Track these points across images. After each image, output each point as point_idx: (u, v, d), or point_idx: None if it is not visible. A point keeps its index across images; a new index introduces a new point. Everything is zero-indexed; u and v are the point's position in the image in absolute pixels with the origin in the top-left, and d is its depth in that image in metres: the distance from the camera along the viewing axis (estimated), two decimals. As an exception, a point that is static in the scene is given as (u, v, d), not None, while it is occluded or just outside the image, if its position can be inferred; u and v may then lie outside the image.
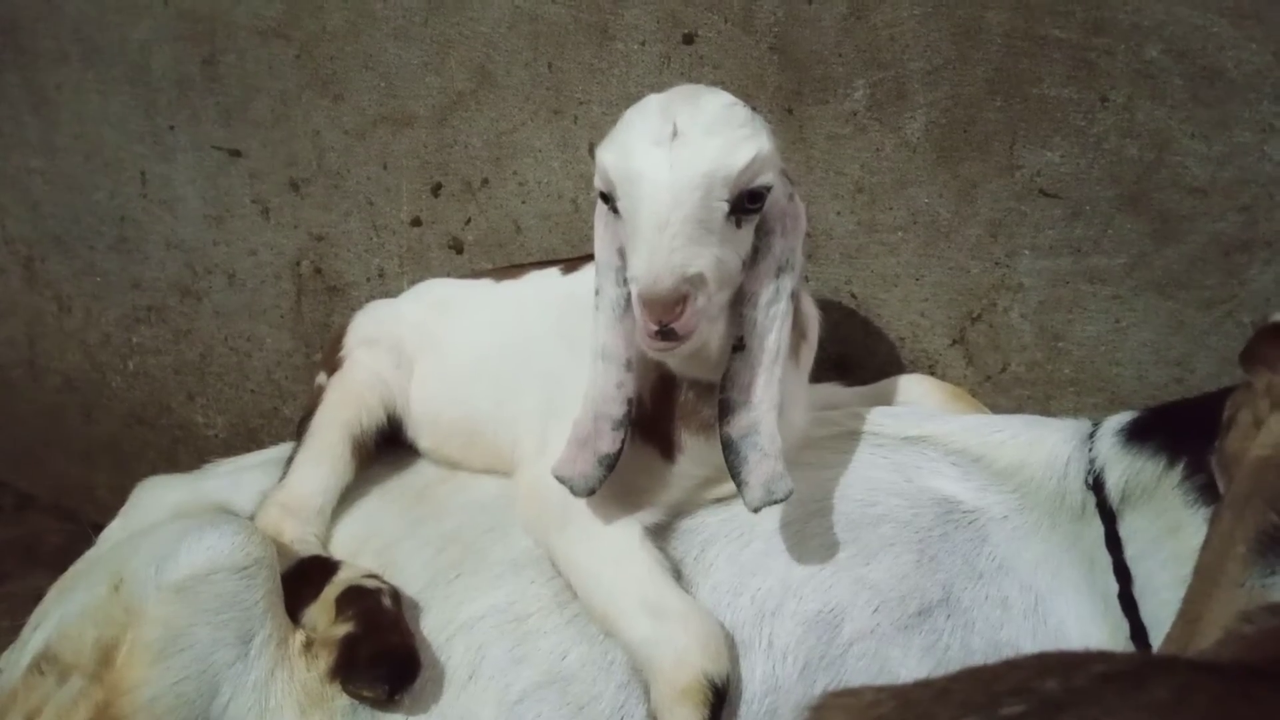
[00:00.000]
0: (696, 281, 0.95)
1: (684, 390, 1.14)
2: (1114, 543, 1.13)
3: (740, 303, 1.06)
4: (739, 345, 1.07)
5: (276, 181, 1.95)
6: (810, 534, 1.17)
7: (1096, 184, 1.34)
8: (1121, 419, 1.17)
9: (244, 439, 2.11)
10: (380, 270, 1.91)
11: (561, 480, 1.09)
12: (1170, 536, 1.10)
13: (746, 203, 0.99)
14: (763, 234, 1.05)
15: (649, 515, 1.15)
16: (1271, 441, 0.80)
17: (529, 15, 1.63)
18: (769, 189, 1.01)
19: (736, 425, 1.06)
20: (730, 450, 1.06)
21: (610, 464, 1.08)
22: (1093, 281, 1.37)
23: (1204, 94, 1.28)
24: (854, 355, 1.52)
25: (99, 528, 1.52)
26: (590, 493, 1.09)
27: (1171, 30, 1.28)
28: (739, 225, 1.00)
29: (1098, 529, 1.14)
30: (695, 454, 1.16)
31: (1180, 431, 1.11)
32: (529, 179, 1.72)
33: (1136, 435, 1.14)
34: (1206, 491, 1.06)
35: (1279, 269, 1.29)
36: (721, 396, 1.07)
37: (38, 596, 1.40)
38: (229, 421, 2.15)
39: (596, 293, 1.10)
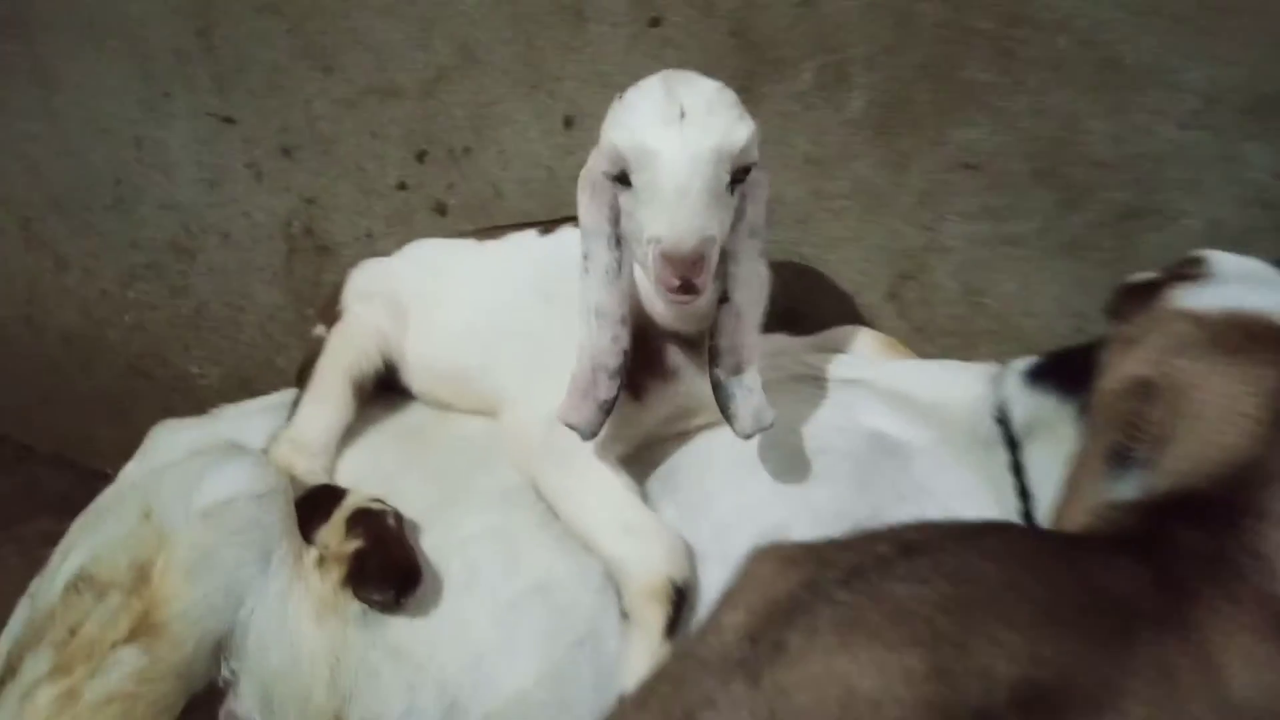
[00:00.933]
0: (709, 242, 1.07)
1: (652, 340, 1.27)
2: (1018, 469, 1.27)
3: (724, 261, 1.17)
4: (724, 298, 1.20)
5: (269, 147, 2.07)
6: (760, 463, 1.30)
7: (1012, 158, 1.50)
8: (1025, 362, 1.32)
9: (238, 388, 2.24)
10: (368, 231, 2.04)
11: (569, 426, 1.19)
12: (1064, 462, 1.26)
13: (739, 174, 1.12)
14: (739, 200, 1.17)
15: (620, 447, 1.28)
16: (1118, 377, 0.98)
17: (509, -3, 1.77)
18: (755, 163, 1.14)
19: (725, 367, 1.21)
20: (720, 390, 1.21)
21: (609, 409, 1.19)
22: (1009, 244, 1.54)
23: (1106, 80, 1.44)
24: (802, 309, 1.66)
25: (100, 474, 1.64)
26: (594, 435, 1.20)
27: (1079, 22, 1.43)
28: (731, 193, 1.13)
29: (1004, 457, 1.28)
30: (660, 395, 1.30)
31: (1073, 372, 1.25)
32: (508, 148, 1.86)
33: (1037, 376, 1.29)
34: (1093, 423, 1.23)
35: (1167, 234, 1.46)
36: (711, 344, 1.21)
37: (44, 536, 1.49)
38: (224, 372, 2.29)
39: (585, 257, 1.20)
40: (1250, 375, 0.92)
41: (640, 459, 1.33)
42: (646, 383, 1.29)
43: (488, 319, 1.46)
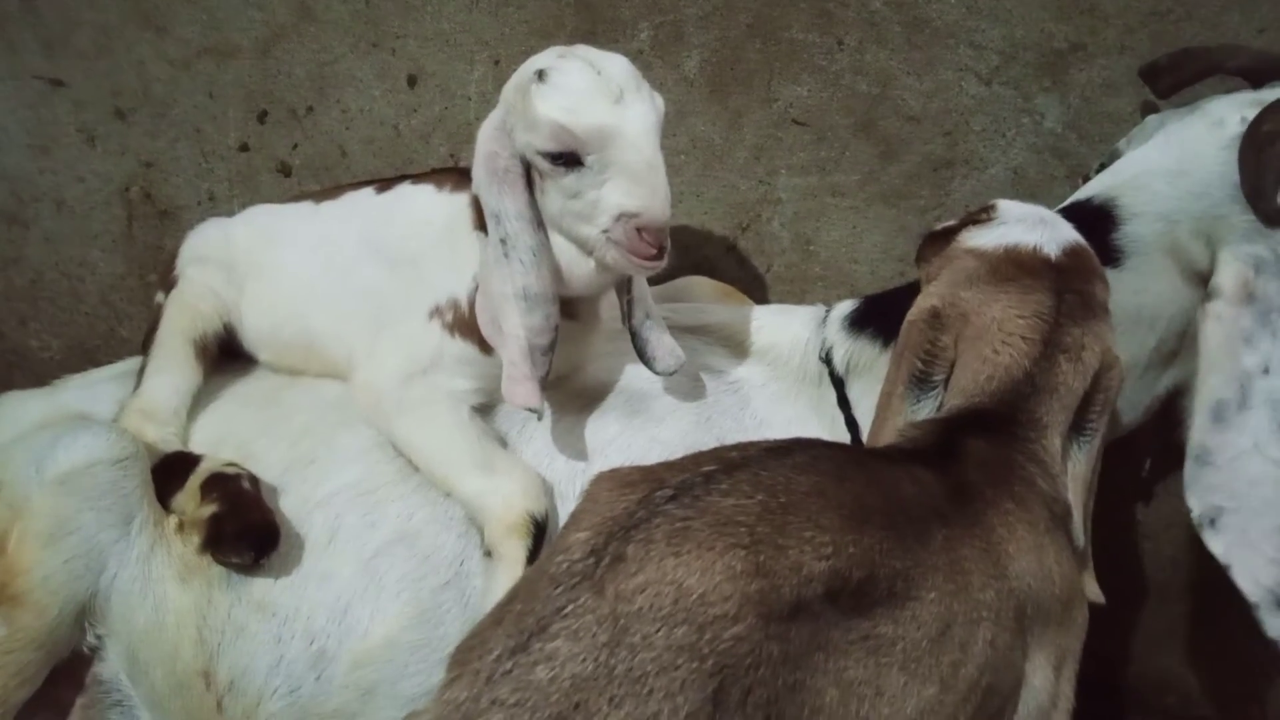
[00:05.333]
0: None
1: None
2: (844, 403, 1.39)
3: None
4: None
5: (102, 111, 2.01)
6: (611, 406, 1.39)
7: (836, 114, 1.61)
8: (845, 306, 1.42)
9: (81, 360, 2.17)
10: (210, 194, 2.01)
11: (530, 410, 1.24)
12: (883, 396, 1.38)
13: None
14: None
15: (473, 397, 1.33)
16: (915, 310, 1.11)
17: (346, -45, 1.76)
18: None
19: (638, 316, 1.31)
20: (637, 337, 1.32)
21: (544, 382, 1.24)
22: (835, 195, 1.65)
23: (916, 39, 1.56)
24: (648, 262, 1.76)
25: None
26: (541, 406, 1.24)
27: (891, -15, 1.55)
28: None
29: (833, 393, 1.39)
30: None
31: (890, 314, 1.37)
32: (351, 107, 1.86)
33: (856, 320, 1.40)
34: (910, 360, 1.34)
35: (974, 182, 1.60)
36: (626, 298, 1.31)
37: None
38: (65, 344, 2.22)
39: (504, 242, 1.20)
40: (1021, 300, 1.05)
41: (499, 411, 1.38)
42: None
43: (328, 281, 1.46)
